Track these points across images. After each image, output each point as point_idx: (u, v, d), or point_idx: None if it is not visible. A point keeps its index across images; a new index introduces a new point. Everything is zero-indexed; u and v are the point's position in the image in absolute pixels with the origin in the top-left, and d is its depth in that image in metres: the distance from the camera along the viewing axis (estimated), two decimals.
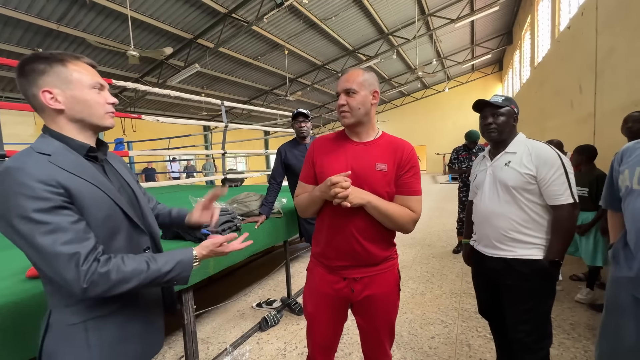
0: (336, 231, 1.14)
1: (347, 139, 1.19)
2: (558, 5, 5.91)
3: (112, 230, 0.80)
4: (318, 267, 1.23)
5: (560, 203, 1.28)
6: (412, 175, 1.13)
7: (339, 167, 1.12)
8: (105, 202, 0.79)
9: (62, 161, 0.74)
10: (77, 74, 0.77)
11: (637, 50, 2.92)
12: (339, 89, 1.13)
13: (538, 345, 1.33)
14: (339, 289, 1.17)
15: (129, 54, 4.89)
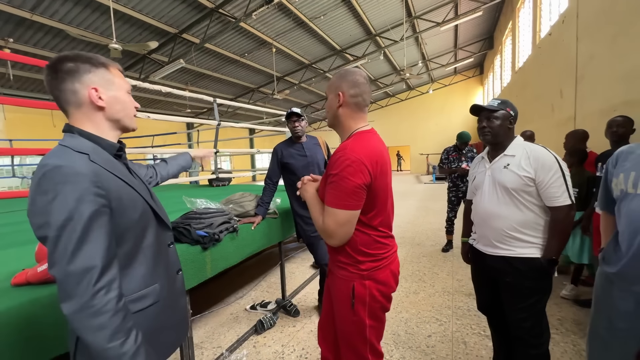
0: None
1: None
2: (539, 12, 6.15)
3: (144, 228, 0.84)
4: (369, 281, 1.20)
5: (558, 204, 1.32)
6: (330, 183, 1.01)
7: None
8: (139, 201, 0.83)
9: (100, 160, 0.76)
10: (118, 78, 0.85)
11: (616, 57, 3.08)
12: None
13: (539, 340, 1.37)
14: None
15: (111, 47, 4.67)
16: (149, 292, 0.84)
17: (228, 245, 1.96)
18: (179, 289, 0.99)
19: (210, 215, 1.93)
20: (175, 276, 0.97)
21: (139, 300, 0.82)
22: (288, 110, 2.31)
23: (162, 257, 0.90)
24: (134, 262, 0.82)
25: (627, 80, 2.87)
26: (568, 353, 1.95)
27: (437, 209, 6.82)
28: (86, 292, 0.67)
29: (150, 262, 0.85)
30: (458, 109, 17.64)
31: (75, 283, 0.68)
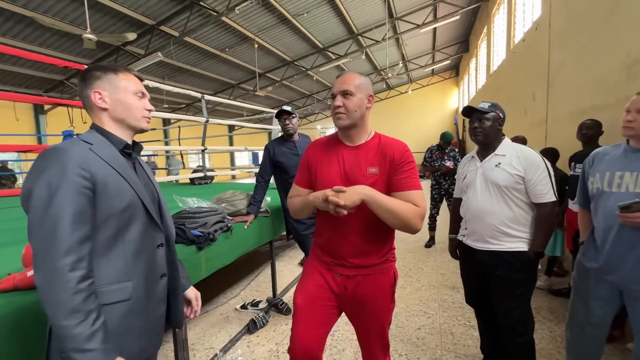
0: (334, 229, 1.16)
1: (340, 142, 1.18)
2: (513, 19, 6.48)
3: (129, 220, 0.84)
4: (315, 260, 1.26)
5: (544, 201, 1.42)
6: (408, 171, 1.10)
7: (333, 173, 1.14)
8: (128, 193, 0.85)
9: (101, 151, 0.84)
10: (125, 82, 0.90)
11: (584, 65, 3.31)
12: (335, 91, 1.12)
13: (525, 328, 1.48)
14: (332, 284, 1.19)
15: (85, 37, 4.40)
16: (119, 288, 0.82)
17: (222, 245, 1.94)
18: (159, 295, 0.94)
19: (204, 215, 1.90)
20: (157, 280, 0.93)
21: (106, 293, 0.80)
22: (280, 108, 2.30)
23: (145, 256, 0.88)
24: (111, 252, 0.82)
25: (594, 87, 3.09)
26: (545, 339, 2.10)
27: None
28: (51, 266, 0.70)
29: (128, 257, 0.84)
30: (435, 110, 18.20)
31: (42, 255, 0.71)
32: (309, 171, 1.20)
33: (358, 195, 0.99)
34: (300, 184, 1.24)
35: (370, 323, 1.20)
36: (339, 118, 1.11)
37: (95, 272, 0.78)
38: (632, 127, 1.27)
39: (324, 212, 1.13)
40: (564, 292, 2.64)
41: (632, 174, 1.26)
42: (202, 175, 3.62)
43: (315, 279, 1.21)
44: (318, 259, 1.24)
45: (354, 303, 1.19)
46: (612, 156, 1.39)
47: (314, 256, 1.27)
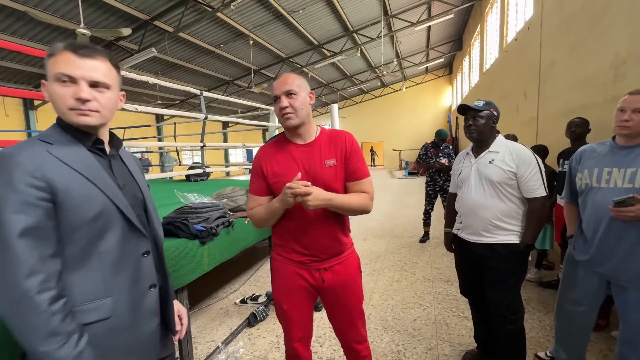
0: (303, 229, 1.18)
1: (291, 143, 1.20)
2: (506, 18, 6.58)
3: (102, 229, 0.76)
4: (286, 264, 1.24)
5: (535, 196, 1.49)
6: (358, 160, 1.20)
7: (292, 172, 1.12)
8: (99, 199, 0.75)
9: (62, 151, 0.73)
10: (50, 66, 0.74)
11: (574, 65, 3.41)
12: (277, 92, 1.12)
13: (516, 317, 1.55)
14: (311, 280, 1.22)
15: (79, 32, 4.35)
16: (97, 306, 0.74)
17: (224, 240, 1.97)
18: (149, 308, 0.84)
19: (206, 210, 1.93)
20: (145, 292, 0.83)
21: (82, 313, 0.72)
22: None
23: (127, 268, 0.80)
24: (84, 267, 0.73)
25: (583, 86, 3.20)
26: (535, 328, 2.19)
27: (412, 203, 7.13)
28: (15, 290, 0.63)
29: (106, 270, 0.76)
30: (429, 107, 18.36)
31: (1, 280, 0.63)
32: (265, 178, 1.18)
33: (321, 202, 1.07)
34: (257, 192, 1.21)
35: (352, 304, 1.28)
36: (288, 118, 1.12)
37: (68, 291, 0.71)
38: (628, 126, 1.30)
39: (289, 215, 1.16)
40: (552, 284, 2.74)
41: (619, 170, 1.34)
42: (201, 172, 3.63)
43: (294, 281, 1.22)
44: (290, 260, 1.23)
45: (334, 291, 1.24)
46: (599, 153, 1.46)
47: (283, 259, 1.24)
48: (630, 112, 1.29)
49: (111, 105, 0.80)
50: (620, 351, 1.43)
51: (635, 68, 2.42)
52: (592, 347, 1.92)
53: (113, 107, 0.82)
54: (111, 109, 0.81)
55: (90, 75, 0.74)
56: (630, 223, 1.28)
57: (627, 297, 1.36)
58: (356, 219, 2.37)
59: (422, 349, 2.02)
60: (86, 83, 0.74)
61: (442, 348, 2.02)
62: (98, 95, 0.76)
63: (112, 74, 0.80)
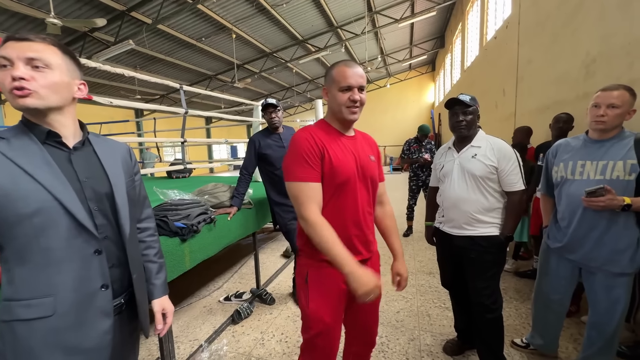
0: (346, 223, 1.11)
1: (339, 132, 1.16)
2: (485, 17, 6.73)
3: (42, 227, 0.73)
4: (326, 268, 1.09)
5: (515, 189, 1.54)
6: (381, 164, 1.30)
7: (350, 161, 1.11)
8: (37, 195, 0.73)
9: (9, 147, 0.73)
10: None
11: (549, 63, 3.54)
12: (353, 82, 1.06)
13: (495, 306, 1.60)
14: None
15: (48, 22, 4.12)
16: (38, 303, 0.74)
17: (206, 237, 1.94)
18: (98, 309, 0.81)
19: (187, 207, 1.89)
20: (95, 292, 0.80)
21: (25, 307, 0.73)
22: (264, 102, 2.30)
23: (73, 266, 0.77)
24: (27, 264, 0.73)
25: (557, 83, 3.32)
26: (512, 316, 2.28)
27: (396, 198, 7.23)
28: None
29: (50, 269, 0.74)
30: (412, 103, 18.61)
31: None
32: (323, 160, 1.06)
33: None
34: (313, 178, 1.04)
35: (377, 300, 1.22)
36: (355, 113, 1.10)
37: (13, 285, 0.73)
38: (604, 121, 1.35)
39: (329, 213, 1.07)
40: (528, 274, 2.86)
41: (592, 162, 1.42)
42: (182, 168, 3.53)
43: (338, 287, 1.10)
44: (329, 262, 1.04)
45: None
46: (573, 147, 1.54)
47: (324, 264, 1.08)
48: (605, 108, 1.34)
49: (56, 87, 0.77)
50: (588, 334, 1.52)
51: (604, 66, 2.54)
52: (564, 332, 2.01)
53: (59, 90, 0.78)
54: (56, 91, 0.77)
55: (25, 54, 0.73)
56: (601, 213, 1.36)
57: (594, 282, 1.45)
58: None
59: (405, 339, 2.06)
60: (22, 62, 0.72)
61: (424, 338, 2.07)
62: (37, 75, 0.74)
63: (55, 56, 0.77)
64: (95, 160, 0.86)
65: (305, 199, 1.03)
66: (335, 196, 1.09)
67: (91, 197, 0.81)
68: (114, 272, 0.86)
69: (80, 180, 0.80)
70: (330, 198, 1.09)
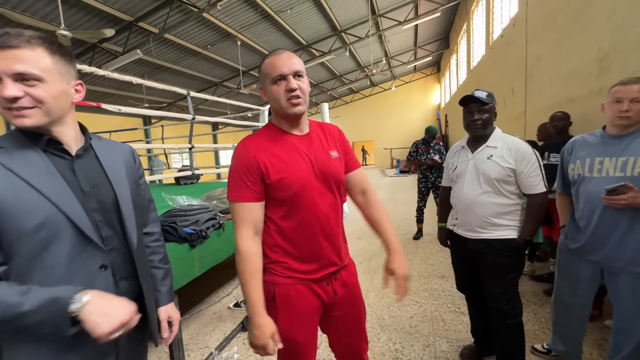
0: (315, 237, 1.01)
1: (286, 133, 1.00)
2: (491, 16, 6.67)
3: (46, 242, 0.68)
4: (298, 285, 1.01)
5: (536, 192, 1.46)
6: (350, 149, 1.15)
7: (305, 168, 0.97)
8: (41, 208, 0.67)
9: (8, 156, 0.68)
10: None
11: (559, 59, 3.47)
12: (285, 70, 0.92)
13: (515, 311, 1.54)
14: (324, 297, 1.05)
15: (59, 34, 4.21)
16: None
17: (215, 242, 1.92)
18: None
19: (195, 212, 1.88)
20: None
21: None
22: None
23: (75, 283, 0.71)
24: (28, 282, 0.67)
25: (568, 80, 3.24)
26: (531, 321, 2.20)
27: (405, 200, 7.16)
28: None
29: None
30: (418, 105, 18.51)
31: None
32: (262, 176, 0.94)
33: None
34: (248, 198, 0.94)
35: (360, 309, 1.16)
36: (298, 104, 0.94)
37: None
38: (628, 116, 1.29)
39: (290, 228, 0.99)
40: (545, 278, 2.76)
41: (611, 159, 1.35)
42: (190, 174, 3.54)
43: (310, 304, 1.03)
44: (299, 279, 1.01)
45: (344, 301, 1.10)
46: (590, 143, 1.48)
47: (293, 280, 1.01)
48: (629, 102, 1.28)
49: (55, 98, 0.71)
50: (614, 340, 1.44)
51: (619, 60, 2.46)
52: (587, 337, 1.93)
53: (59, 99, 0.72)
54: (57, 102, 0.71)
55: (12, 68, 0.65)
56: (623, 211, 1.29)
57: (618, 284, 1.37)
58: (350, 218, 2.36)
59: (420, 346, 2.00)
60: (9, 78, 0.65)
61: (439, 344, 2.01)
62: (30, 90, 0.67)
63: (44, 59, 0.69)
64: (98, 167, 0.82)
65: (238, 220, 0.95)
66: (293, 209, 0.98)
67: (96, 208, 0.77)
68: (122, 285, 0.83)
69: (83, 190, 0.76)
70: (288, 212, 0.98)
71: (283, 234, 1.00)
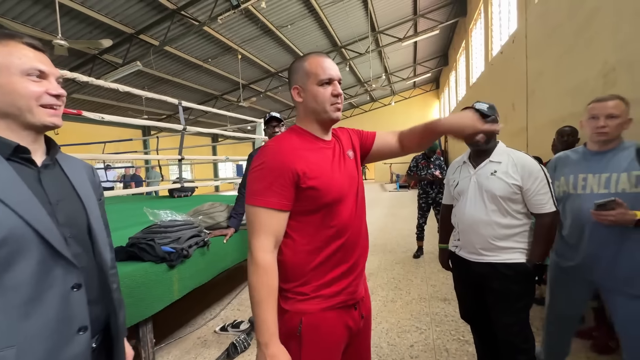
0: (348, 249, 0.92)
1: (318, 138, 0.95)
2: (490, 33, 6.72)
3: (9, 259, 0.59)
4: (327, 313, 0.88)
5: (544, 211, 1.34)
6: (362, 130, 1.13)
7: (327, 174, 0.89)
8: (6, 221, 0.60)
9: None
10: (8, 57, 0.64)
11: (562, 74, 3.41)
12: (333, 74, 0.90)
13: (527, 345, 1.38)
14: (352, 325, 0.94)
15: (55, 43, 4.18)
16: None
17: (198, 262, 1.76)
18: (78, 356, 0.67)
19: (178, 229, 1.73)
20: (71, 337, 0.66)
21: None
22: (267, 115, 2.18)
23: (46, 307, 0.63)
24: None
25: (573, 94, 3.17)
26: None
27: (404, 216, 6.99)
28: None
29: (12, 312, 0.59)
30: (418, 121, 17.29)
31: None
32: (299, 182, 0.84)
33: None
34: (278, 205, 0.83)
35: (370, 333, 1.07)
36: (339, 109, 0.93)
37: None
38: (605, 132, 1.30)
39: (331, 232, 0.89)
40: None
41: (594, 175, 1.34)
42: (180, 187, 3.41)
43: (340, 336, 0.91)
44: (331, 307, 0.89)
45: (363, 326, 1.00)
46: (573, 160, 1.47)
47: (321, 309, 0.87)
48: (605, 118, 1.30)
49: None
50: None
51: (625, 74, 2.38)
52: None
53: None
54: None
55: (53, 69, 0.70)
56: (612, 229, 1.25)
57: (617, 307, 1.34)
58: None
59: None
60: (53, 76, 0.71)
61: None
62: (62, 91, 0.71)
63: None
64: (65, 180, 0.75)
65: (258, 228, 0.82)
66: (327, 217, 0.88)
67: (64, 222, 0.69)
68: (91, 310, 0.72)
69: (51, 202, 0.68)
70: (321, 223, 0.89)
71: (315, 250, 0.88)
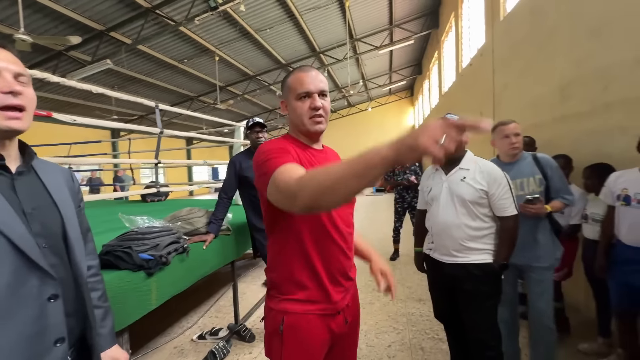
0: (328, 256, 0.93)
1: (308, 146, 0.99)
2: (460, 45, 7.10)
3: None
4: (309, 316, 0.90)
5: (507, 214, 1.47)
6: None
7: None
8: None
9: None
10: None
11: (525, 87, 3.68)
12: (312, 88, 0.90)
13: (495, 342, 1.47)
14: (335, 329, 0.94)
15: (17, 38, 3.92)
16: None
17: (177, 269, 1.73)
18: None
19: (156, 235, 1.69)
20: (47, 350, 0.64)
21: None
22: (250, 120, 2.18)
23: (20, 319, 0.61)
24: None
25: (534, 107, 3.43)
26: None
27: (381, 219, 7.16)
28: None
29: None
30: (393, 126, 19.11)
31: None
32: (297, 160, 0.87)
33: None
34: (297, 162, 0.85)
35: (357, 339, 1.10)
36: (320, 122, 0.93)
37: None
38: (517, 147, 1.68)
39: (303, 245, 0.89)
40: None
41: (511, 181, 1.56)
42: (155, 192, 3.30)
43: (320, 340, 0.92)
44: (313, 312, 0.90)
45: (350, 330, 1.01)
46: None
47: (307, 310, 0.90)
48: (514, 137, 1.67)
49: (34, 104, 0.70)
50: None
51: (579, 90, 2.63)
52: None
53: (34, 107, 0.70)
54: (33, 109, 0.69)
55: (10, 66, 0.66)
56: (531, 219, 1.63)
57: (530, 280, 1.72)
58: None
59: None
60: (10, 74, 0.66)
61: None
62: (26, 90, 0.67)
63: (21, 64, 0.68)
64: (41, 187, 0.73)
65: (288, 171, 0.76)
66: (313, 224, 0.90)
67: (39, 232, 0.67)
68: (68, 321, 0.70)
69: (25, 211, 0.66)
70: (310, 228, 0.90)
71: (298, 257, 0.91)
